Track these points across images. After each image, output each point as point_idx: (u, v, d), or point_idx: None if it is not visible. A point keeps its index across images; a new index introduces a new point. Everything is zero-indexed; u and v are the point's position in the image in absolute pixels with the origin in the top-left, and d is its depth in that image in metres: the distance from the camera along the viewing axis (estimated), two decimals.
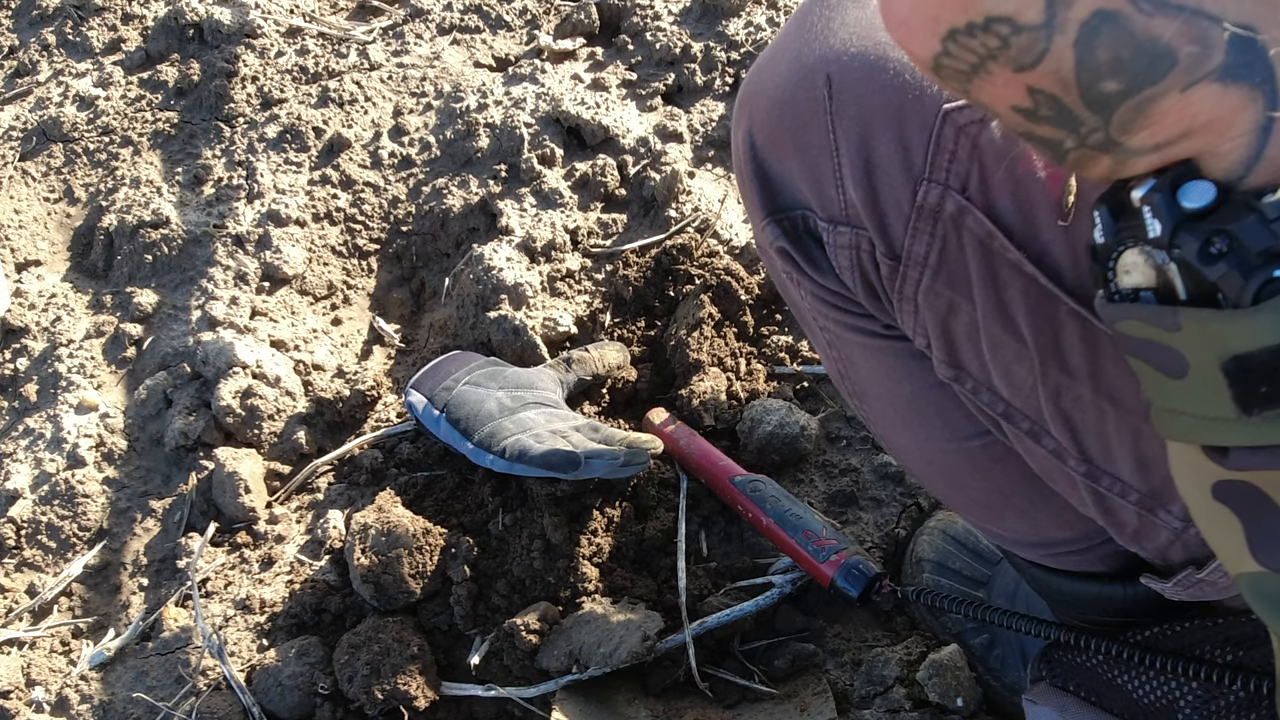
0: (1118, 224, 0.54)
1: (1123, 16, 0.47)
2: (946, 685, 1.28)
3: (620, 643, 1.32)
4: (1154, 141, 0.50)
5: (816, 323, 0.95)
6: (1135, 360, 0.55)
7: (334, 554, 1.56)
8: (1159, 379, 0.54)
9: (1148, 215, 0.51)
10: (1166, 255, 0.51)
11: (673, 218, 1.83)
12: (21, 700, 1.49)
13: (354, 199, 1.95)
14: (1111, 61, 0.48)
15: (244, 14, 2.20)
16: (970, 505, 1.00)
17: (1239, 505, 0.53)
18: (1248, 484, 0.53)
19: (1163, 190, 0.51)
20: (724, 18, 2.11)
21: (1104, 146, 0.52)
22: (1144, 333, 0.53)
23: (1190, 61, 0.47)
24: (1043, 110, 0.52)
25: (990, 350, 0.79)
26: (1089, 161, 0.54)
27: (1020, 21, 0.49)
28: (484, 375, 1.60)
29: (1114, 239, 0.54)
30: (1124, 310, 0.54)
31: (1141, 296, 0.53)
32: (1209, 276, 0.49)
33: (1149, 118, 0.49)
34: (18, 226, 2.02)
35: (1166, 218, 0.51)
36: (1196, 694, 0.89)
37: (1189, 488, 0.57)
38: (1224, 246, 0.49)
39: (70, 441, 1.70)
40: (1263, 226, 0.48)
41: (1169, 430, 0.56)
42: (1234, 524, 0.54)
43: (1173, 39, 0.47)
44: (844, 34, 0.81)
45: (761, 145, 0.88)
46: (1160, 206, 0.51)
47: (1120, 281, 0.54)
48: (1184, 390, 0.53)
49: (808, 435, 1.56)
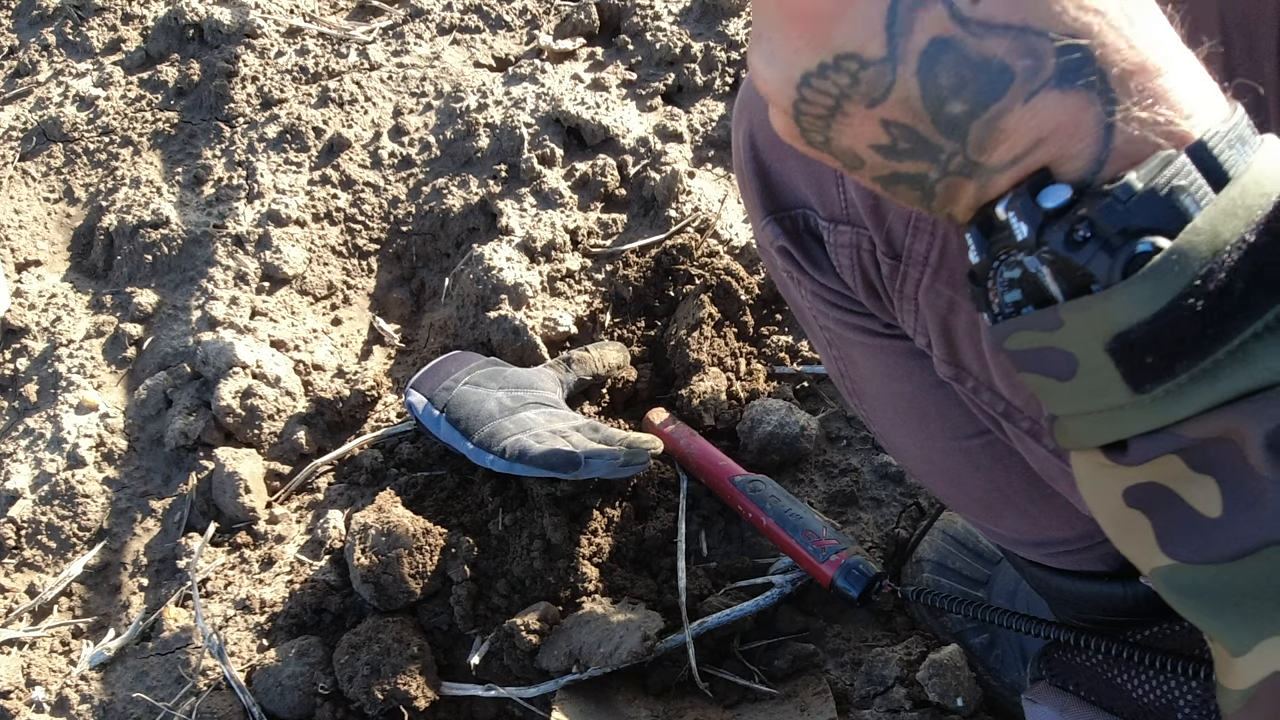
0: (988, 240, 0.56)
1: (956, 41, 0.50)
2: (946, 685, 1.28)
3: (620, 643, 1.32)
4: (1011, 155, 0.52)
5: (817, 322, 0.95)
6: (1029, 376, 0.57)
7: (334, 554, 1.56)
8: (1053, 387, 0.55)
9: (1014, 221, 0.53)
10: (1036, 259, 0.53)
11: (673, 218, 1.83)
12: (21, 700, 1.49)
13: (354, 199, 1.95)
14: (954, 84, 0.51)
15: (244, 14, 2.20)
16: (970, 504, 1.00)
17: (1148, 506, 0.55)
18: (1155, 484, 0.54)
19: (1022, 195, 0.53)
20: (724, 18, 2.11)
21: (965, 170, 0.54)
22: (1031, 342, 0.55)
23: (1026, 74, 0.50)
24: (901, 143, 0.54)
25: (990, 349, 0.79)
26: (956, 190, 0.55)
27: (865, 56, 0.51)
28: (484, 375, 1.60)
29: (987, 255, 0.56)
30: (1009, 326, 0.56)
31: (1023, 311, 0.55)
32: (1078, 262, 0.51)
33: (1001, 133, 0.51)
34: (18, 226, 2.02)
35: (1030, 219, 0.53)
36: (1196, 693, 0.88)
37: (1101, 502, 0.58)
38: (1087, 232, 0.51)
39: (70, 441, 1.70)
40: (1118, 206, 0.50)
41: (1071, 439, 0.57)
42: (1144, 525, 0.55)
43: (1006, 55, 0.50)
44: None
45: (762, 144, 0.88)
46: (1024, 210, 0.53)
47: (1003, 299, 0.56)
48: (1076, 388, 0.54)
49: (808, 435, 1.56)
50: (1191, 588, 0.54)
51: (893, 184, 0.58)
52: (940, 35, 0.50)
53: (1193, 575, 0.54)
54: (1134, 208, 0.50)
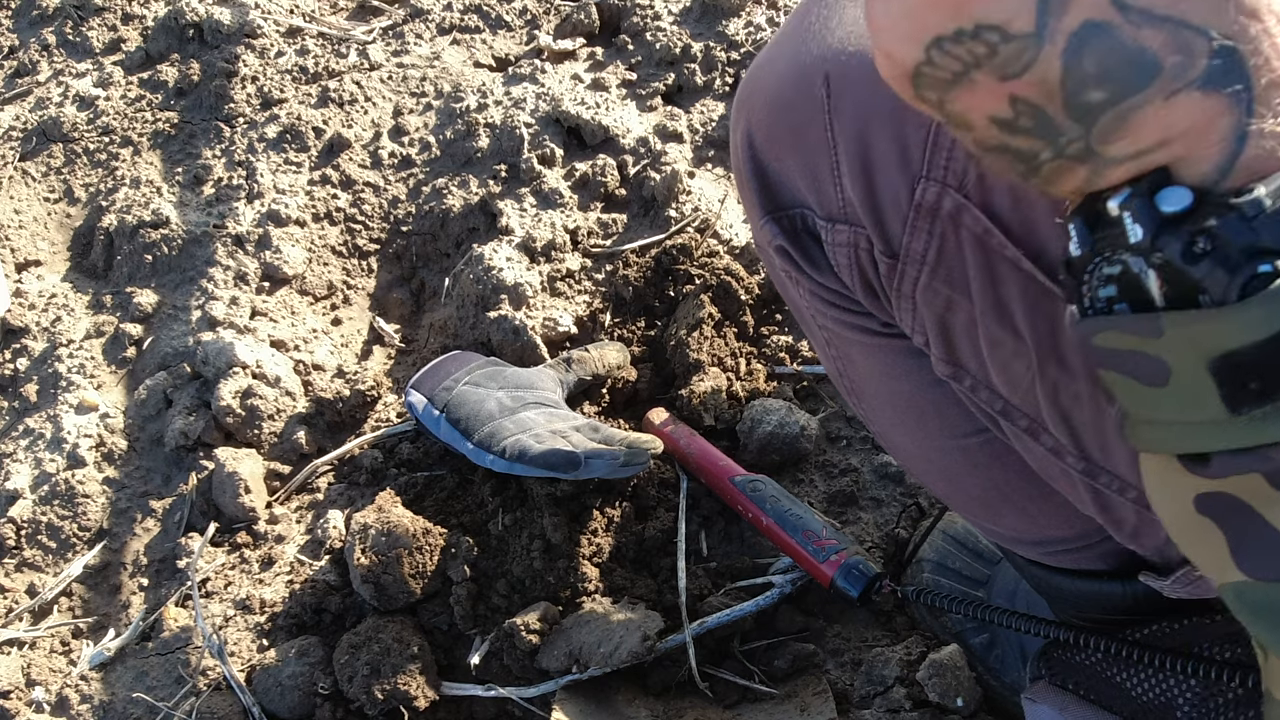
0: (1093, 235, 0.54)
1: (1112, 27, 0.48)
2: (946, 685, 1.28)
3: (620, 643, 1.32)
4: (1133, 149, 0.51)
5: (815, 321, 0.95)
6: (1110, 374, 0.56)
7: (334, 554, 1.56)
8: (1137, 390, 0.54)
9: (1128, 221, 0.52)
10: (1145, 261, 0.52)
11: (673, 218, 1.82)
12: (21, 700, 1.49)
13: (354, 199, 1.95)
14: (1099, 71, 0.49)
15: (244, 14, 2.20)
16: (969, 503, 1.00)
17: (1222, 517, 0.54)
18: (1230, 495, 0.53)
19: (1141, 196, 0.51)
20: (724, 18, 2.11)
21: (1081, 156, 0.52)
22: (1123, 343, 0.54)
23: (1174, 70, 0.48)
24: (1022, 120, 0.53)
25: (988, 347, 0.79)
26: (1064, 174, 0.54)
27: (1010, 30, 0.49)
28: (484, 375, 1.60)
29: (1090, 250, 0.55)
30: (1101, 323, 0.54)
31: (1116, 309, 0.54)
32: (1194, 276, 0.50)
33: (1131, 126, 0.50)
34: (18, 226, 2.02)
35: (1148, 222, 0.51)
36: (1195, 691, 0.89)
37: (1167, 503, 0.57)
38: (1207, 245, 0.49)
39: (70, 441, 1.70)
40: (1243, 224, 0.48)
41: (1147, 442, 0.56)
42: (1216, 536, 0.54)
43: (1159, 48, 0.48)
44: (842, 33, 0.81)
45: (760, 144, 0.88)
46: (1141, 211, 0.51)
47: (1096, 294, 0.55)
48: (1166, 398, 0.53)
49: (808, 435, 1.56)
50: (1265, 605, 0.54)
51: (996, 153, 0.56)
52: (1095, 19, 0.48)
53: (1267, 592, 0.53)
54: (1260, 226, 0.48)
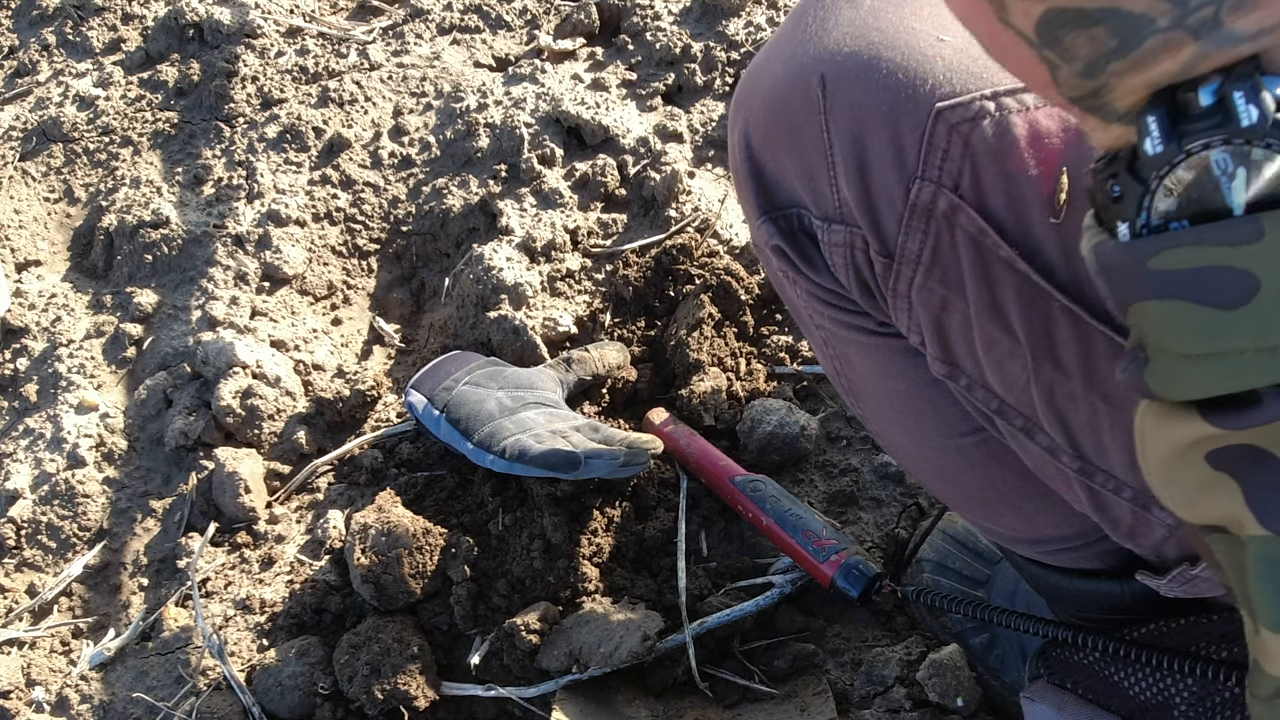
0: (1178, 129, 0.49)
1: None
2: (946, 685, 1.28)
3: (620, 643, 1.32)
4: (1259, 26, 0.46)
5: (812, 320, 0.95)
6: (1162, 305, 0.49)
7: (334, 554, 1.56)
8: (1203, 316, 0.48)
9: (1240, 103, 0.47)
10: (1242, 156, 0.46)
11: (673, 218, 1.82)
12: (21, 700, 1.50)
13: (354, 199, 1.96)
14: None
15: (244, 14, 2.21)
16: (966, 502, 1.00)
17: (1238, 469, 0.50)
18: (1247, 445, 0.49)
19: (1250, 77, 0.46)
20: (724, 18, 2.11)
21: (1202, 29, 0.46)
22: (1195, 260, 0.48)
23: None
24: None
25: (984, 347, 0.79)
26: (1166, 52, 0.48)
27: None
28: (484, 375, 1.60)
29: (1175, 145, 0.49)
30: (1166, 240, 0.49)
31: (1172, 226, 0.49)
32: None
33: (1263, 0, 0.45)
34: (18, 226, 2.02)
35: (1260, 105, 0.46)
36: (1192, 690, 0.89)
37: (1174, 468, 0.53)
38: None
39: (70, 441, 1.70)
40: None
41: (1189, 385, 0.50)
42: (1232, 490, 0.50)
43: None
44: (838, 34, 0.81)
45: (757, 144, 0.88)
46: (1252, 94, 0.46)
47: (1154, 207, 0.49)
48: (1245, 319, 0.47)
49: (808, 435, 1.56)
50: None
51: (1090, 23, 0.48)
52: None
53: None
54: None
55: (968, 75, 0.76)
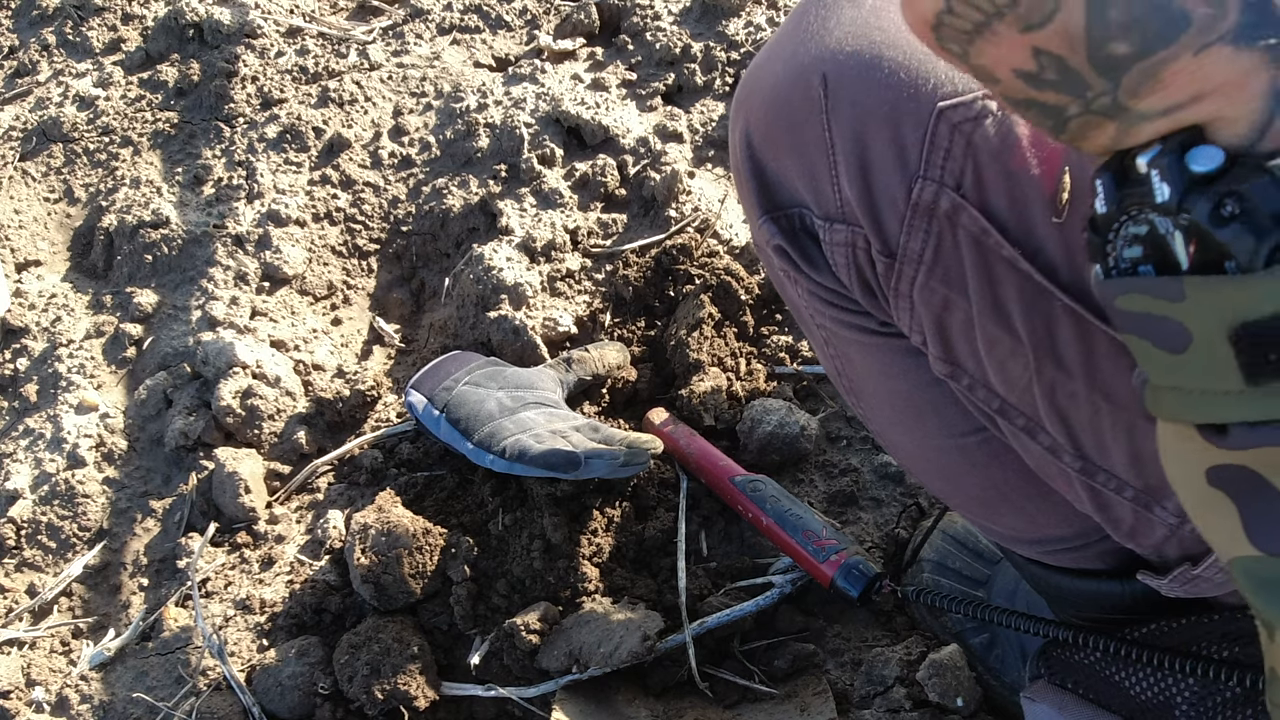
0: (1120, 192, 0.52)
1: None
2: (946, 685, 1.28)
3: (620, 643, 1.32)
4: (1164, 105, 0.49)
5: (813, 320, 0.95)
6: (1132, 338, 0.54)
7: (334, 554, 1.56)
8: (1158, 355, 0.53)
9: (1155, 180, 0.50)
10: (1171, 223, 0.50)
11: (673, 218, 1.82)
12: (21, 700, 1.49)
13: (354, 199, 1.96)
14: (1124, 22, 0.47)
15: (244, 14, 2.20)
16: (967, 502, 1.00)
17: (1235, 490, 0.52)
18: (1244, 468, 0.51)
19: (1171, 153, 0.49)
20: (724, 18, 2.11)
21: (1110, 112, 0.50)
22: (1144, 306, 0.52)
23: (1204, 23, 0.46)
24: (1047, 74, 0.51)
25: (985, 347, 0.79)
26: (1092, 129, 0.52)
27: None
28: (484, 375, 1.60)
29: (1116, 209, 0.53)
30: (1124, 285, 0.53)
31: (1140, 270, 0.52)
32: (1220, 239, 0.48)
33: (1160, 81, 0.48)
34: (18, 226, 2.02)
35: (1176, 181, 0.49)
36: (1193, 690, 0.89)
37: (1181, 474, 0.56)
38: (1236, 209, 0.47)
39: (70, 441, 1.70)
40: (1276, 188, 0.46)
41: (1166, 409, 0.54)
42: (1229, 509, 0.53)
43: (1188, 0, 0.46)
44: (839, 33, 0.81)
45: (758, 144, 0.88)
46: (1169, 170, 0.49)
47: (1121, 254, 0.53)
48: (1185, 365, 0.51)
49: (808, 435, 1.56)
50: (1276, 580, 0.52)
51: (1024, 108, 0.55)
52: None
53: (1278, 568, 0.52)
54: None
55: None
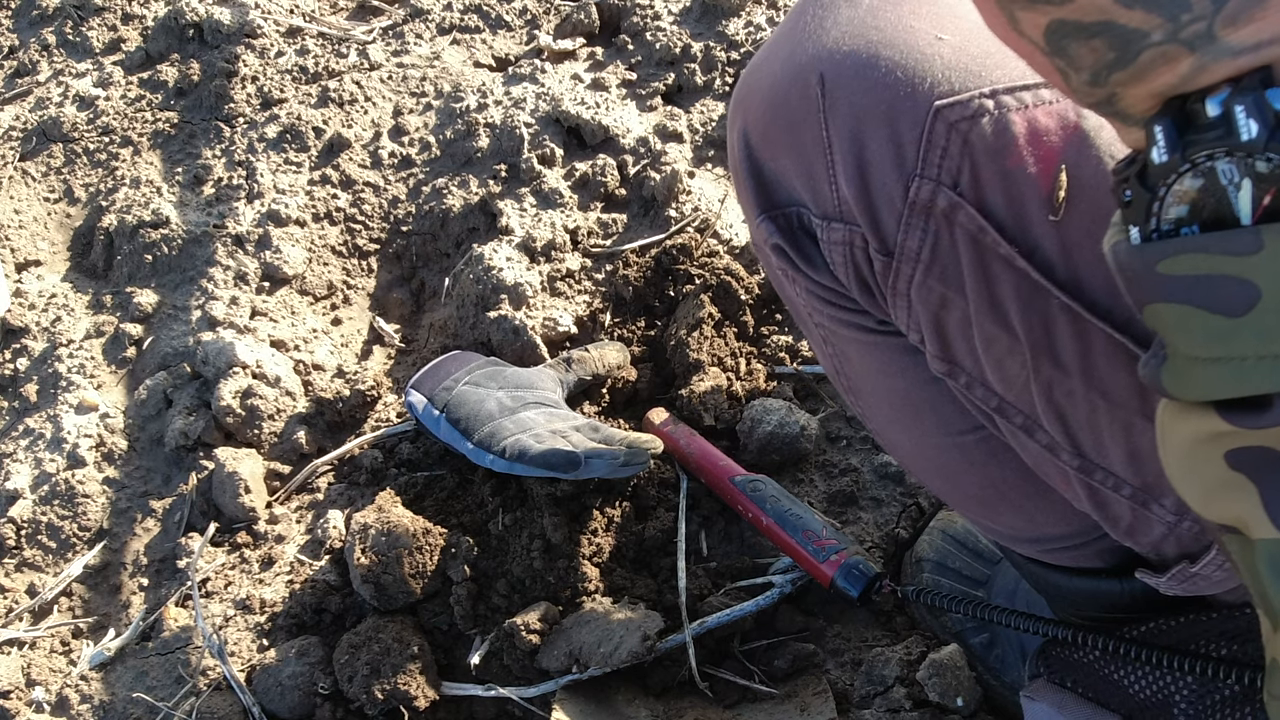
0: (1184, 139, 0.49)
1: None
2: (946, 685, 1.28)
3: (620, 643, 1.32)
4: (1255, 39, 0.46)
5: (812, 319, 0.95)
6: (1171, 308, 0.50)
7: (334, 554, 1.56)
8: (1207, 322, 0.49)
9: (1241, 117, 0.47)
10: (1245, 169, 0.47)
11: (673, 218, 1.82)
12: (21, 700, 1.50)
13: (354, 199, 1.96)
14: None
15: (244, 14, 2.21)
16: (966, 501, 1.00)
17: (1256, 472, 0.50)
18: (1267, 449, 0.49)
19: (1254, 91, 0.46)
20: (724, 18, 2.11)
21: (1196, 42, 0.47)
22: (1202, 267, 0.48)
23: None
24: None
25: (983, 345, 0.79)
26: (1163, 64, 0.48)
27: None
28: (484, 375, 1.60)
29: (1180, 156, 0.49)
30: (1173, 246, 0.49)
31: (1183, 232, 0.49)
32: None
33: (1264, 9, 0.45)
34: (18, 226, 2.02)
35: (1263, 118, 0.46)
36: (1192, 688, 0.88)
37: (1190, 463, 0.54)
38: None
39: (70, 441, 1.70)
40: None
41: (1199, 387, 0.51)
42: (1249, 491, 0.51)
43: None
44: (836, 33, 0.81)
45: (756, 143, 0.88)
46: (1255, 106, 0.46)
47: (1166, 213, 0.50)
48: (1246, 327, 0.48)
49: (808, 435, 1.56)
50: None
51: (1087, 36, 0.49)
52: None
53: None
54: None
55: (966, 73, 0.76)
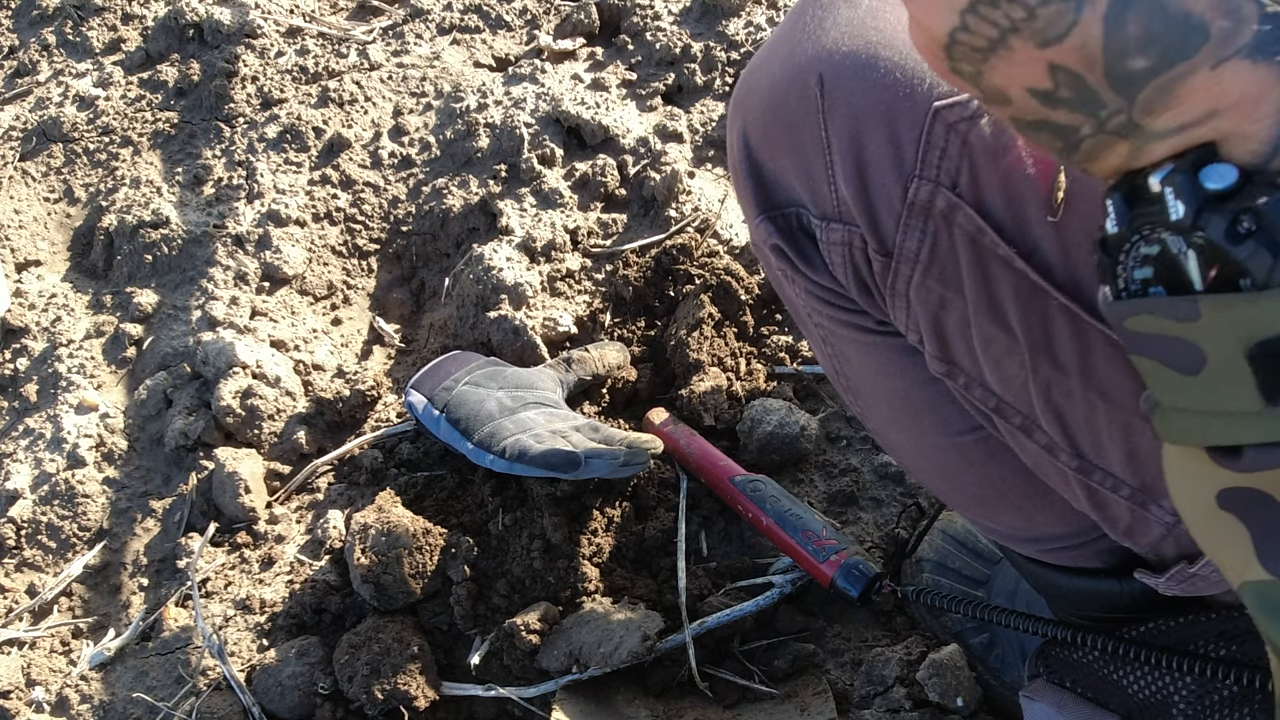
0: (1132, 212, 0.52)
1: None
2: (946, 685, 1.28)
3: (620, 643, 1.32)
4: (1178, 123, 0.48)
5: (811, 319, 0.96)
6: (1143, 360, 0.53)
7: (334, 554, 1.56)
8: (1170, 377, 0.52)
9: (1169, 197, 0.49)
10: (1185, 241, 0.49)
11: (673, 218, 1.82)
12: (21, 700, 1.50)
13: (354, 199, 1.96)
14: (1142, 36, 0.46)
15: (244, 14, 2.21)
16: (965, 501, 1.00)
17: (1246, 513, 0.51)
18: (1256, 490, 0.51)
19: (1184, 171, 0.49)
20: (724, 18, 2.11)
21: (1124, 131, 0.50)
22: (1157, 327, 0.51)
23: (1222, 37, 0.46)
24: (1062, 91, 0.50)
25: (981, 345, 0.79)
26: (1105, 149, 0.52)
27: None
28: (484, 375, 1.60)
29: (1128, 228, 0.52)
30: (1135, 305, 0.52)
31: (1150, 292, 0.52)
32: (1236, 256, 0.47)
33: (1176, 97, 0.47)
34: (18, 226, 2.02)
35: (1190, 199, 0.48)
36: (1191, 689, 0.89)
37: (1189, 497, 0.55)
38: (1252, 225, 0.47)
39: (70, 441, 1.70)
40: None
41: (1178, 433, 0.53)
42: (1240, 532, 0.52)
43: (1206, 12, 0.45)
44: (835, 33, 0.81)
45: (755, 144, 0.88)
46: (1183, 188, 0.49)
47: (1131, 275, 0.52)
48: (1199, 386, 0.51)
49: (808, 435, 1.56)
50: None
51: (1035, 130, 0.53)
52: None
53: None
54: None
55: None
